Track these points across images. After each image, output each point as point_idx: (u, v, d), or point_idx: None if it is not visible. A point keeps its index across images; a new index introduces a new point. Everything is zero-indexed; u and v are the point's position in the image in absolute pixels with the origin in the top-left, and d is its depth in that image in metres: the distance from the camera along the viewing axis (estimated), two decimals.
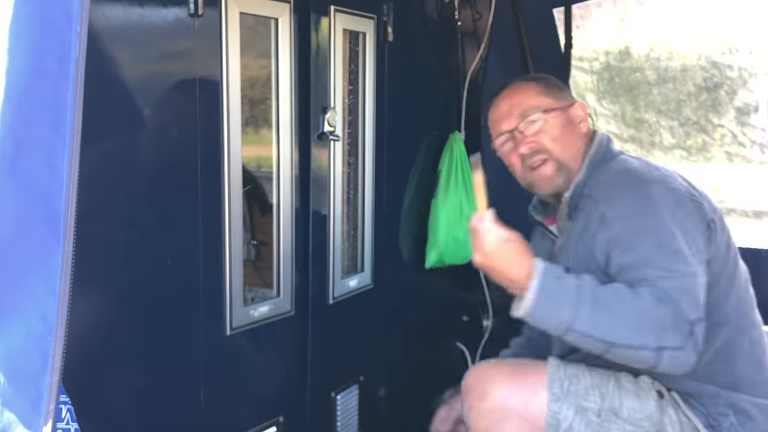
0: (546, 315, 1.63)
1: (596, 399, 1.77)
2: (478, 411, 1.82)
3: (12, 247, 0.92)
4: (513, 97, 1.99)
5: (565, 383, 1.79)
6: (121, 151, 1.57)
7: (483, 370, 1.94)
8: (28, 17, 0.91)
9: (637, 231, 1.69)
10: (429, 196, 2.76)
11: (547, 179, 1.93)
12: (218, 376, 1.86)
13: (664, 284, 1.59)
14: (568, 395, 1.77)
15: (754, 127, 7.99)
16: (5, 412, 0.89)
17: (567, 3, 2.94)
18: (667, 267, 1.62)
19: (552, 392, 1.77)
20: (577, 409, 1.77)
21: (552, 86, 2.01)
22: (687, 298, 1.59)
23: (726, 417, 1.76)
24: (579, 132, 1.96)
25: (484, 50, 2.99)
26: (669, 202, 1.71)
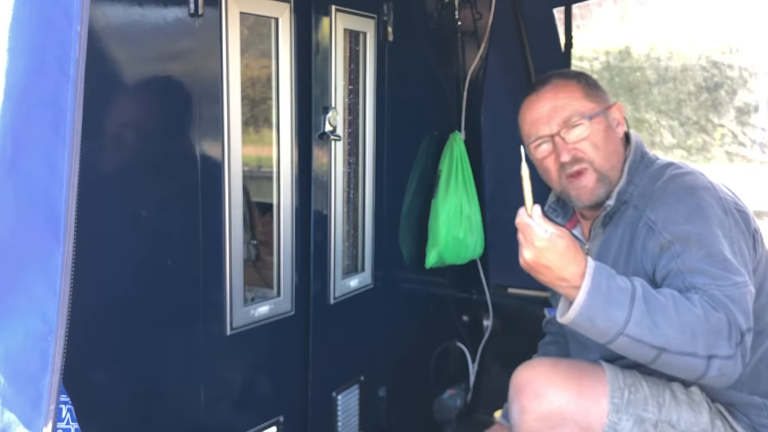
0: (598, 316, 1.51)
1: (654, 410, 1.70)
2: (532, 414, 1.71)
3: (12, 247, 0.92)
4: (557, 98, 1.84)
5: (625, 392, 1.71)
6: (121, 151, 1.57)
7: (539, 369, 1.78)
8: (28, 17, 0.91)
9: (687, 238, 1.63)
10: (429, 195, 2.76)
11: (590, 191, 1.82)
12: (218, 376, 1.86)
13: (714, 292, 1.54)
14: (628, 405, 1.69)
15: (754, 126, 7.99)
16: (5, 412, 0.89)
17: (567, 3, 2.94)
18: (717, 275, 1.56)
19: (613, 402, 1.69)
20: (636, 419, 1.69)
21: (593, 86, 1.89)
22: (738, 306, 1.53)
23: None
24: (618, 137, 1.86)
25: (484, 50, 2.99)
26: (717, 210, 1.67)
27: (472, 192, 2.78)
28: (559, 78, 1.91)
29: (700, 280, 1.56)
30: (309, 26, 2.07)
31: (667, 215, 1.69)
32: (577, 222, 2.01)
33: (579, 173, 1.81)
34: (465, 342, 3.07)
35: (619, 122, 1.89)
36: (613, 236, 1.83)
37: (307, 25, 2.07)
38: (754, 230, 1.75)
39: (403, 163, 2.67)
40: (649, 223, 1.71)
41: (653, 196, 1.75)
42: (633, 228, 1.77)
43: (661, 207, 1.71)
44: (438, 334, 2.98)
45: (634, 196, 1.80)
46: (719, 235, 1.62)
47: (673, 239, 1.64)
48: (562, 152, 1.81)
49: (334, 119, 2.14)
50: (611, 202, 1.81)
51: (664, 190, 1.74)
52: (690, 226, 1.64)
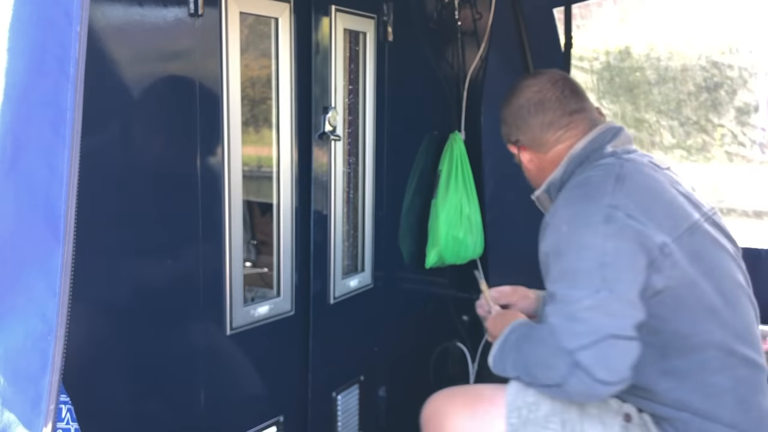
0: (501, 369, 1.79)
1: (556, 427, 1.71)
2: None
3: (12, 247, 0.92)
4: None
5: (523, 411, 1.73)
6: (121, 151, 1.57)
7: (440, 400, 1.88)
8: (28, 17, 0.91)
9: (554, 252, 1.68)
10: (429, 196, 2.76)
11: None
12: (218, 376, 1.86)
13: (551, 320, 1.59)
14: (527, 423, 1.72)
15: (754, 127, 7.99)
16: (5, 412, 0.89)
17: (567, 2, 2.94)
18: (561, 298, 1.59)
19: (510, 423, 1.73)
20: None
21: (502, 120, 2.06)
22: (568, 327, 1.55)
23: None
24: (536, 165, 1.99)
25: (484, 50, 2.99)
26: (596, 218, 1.64)
27: (471, 192, 2.78)
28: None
29: (548, 308, 1.62)
30: (309, 26, 2.07)
31: (554, 219, 1.73)
32: None
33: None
34: (465, 342, 3.07)
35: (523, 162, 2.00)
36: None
37: (307, 25, 2.07)
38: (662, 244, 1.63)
39: (403, 163, 2.67)
40: (544, 224, 1.78)
41: (561, 194, 1.82)
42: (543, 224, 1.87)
43: (557, 208, 1.77)
44: (438, 334, 2.98)
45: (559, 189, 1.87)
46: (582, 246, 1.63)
47: (549, 252, 1.71)
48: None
49: (334, 119, 2.14)
50: (537, 192, 1.96)
51: (567, 190, 1.80)
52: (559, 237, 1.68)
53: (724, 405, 1.68)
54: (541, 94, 1.92)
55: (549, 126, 1.91)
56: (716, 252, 1.75)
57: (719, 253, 1.76)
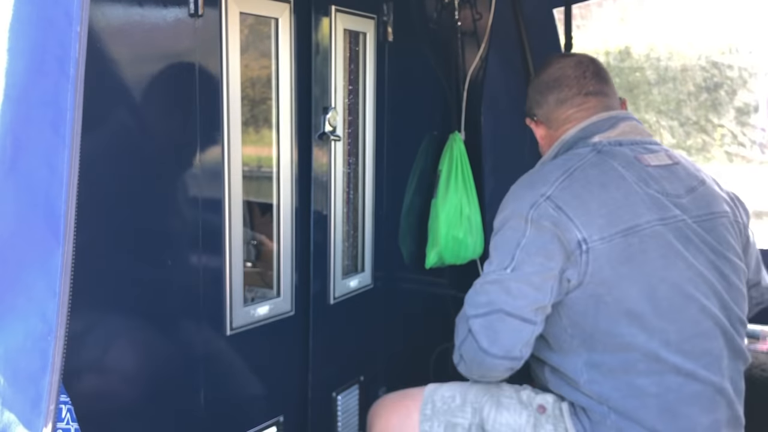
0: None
1: (468, 414, 1.83)
2: None
3: (12, 247, 0.92)
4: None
5: (438, 404, 1.87)
6: (121, 151, 1.57)
7: (373, 408, 2.05)
8: (28, 17, 0.91)
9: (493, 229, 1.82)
10: (429, 196, 2.76)
11: None
12: (218, 376, 1.86)
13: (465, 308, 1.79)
14: (438, 414, 1.85)
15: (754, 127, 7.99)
16: (5, 412, 0.89)
17: (567, 3, 2.94)
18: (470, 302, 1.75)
19: (423, 413, 1.86)
20: (447, 425, 1.84)
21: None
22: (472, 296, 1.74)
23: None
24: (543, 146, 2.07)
25: (484, 50, 2.99)
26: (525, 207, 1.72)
27: (471, 192, 2.77)
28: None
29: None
30: (309, 26, 2.07)
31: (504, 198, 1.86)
32: None
33: None
34: None
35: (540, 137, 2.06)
36: None
37: (307, 25, 2.07)
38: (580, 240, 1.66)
39: (402, 164, 2.67)
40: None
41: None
42: None
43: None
44: (438, 335, 2.98)
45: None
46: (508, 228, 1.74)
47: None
48: None
49: (333, 119, 2.14)
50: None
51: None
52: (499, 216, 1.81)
53: (646, 408, 1.68)
54: (561, 71, 1.97)
55: (562, 103, 1.94)
56: (663, 258, 1.70)
57: (669, 260, 1.70)
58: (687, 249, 1.72)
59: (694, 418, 1.69)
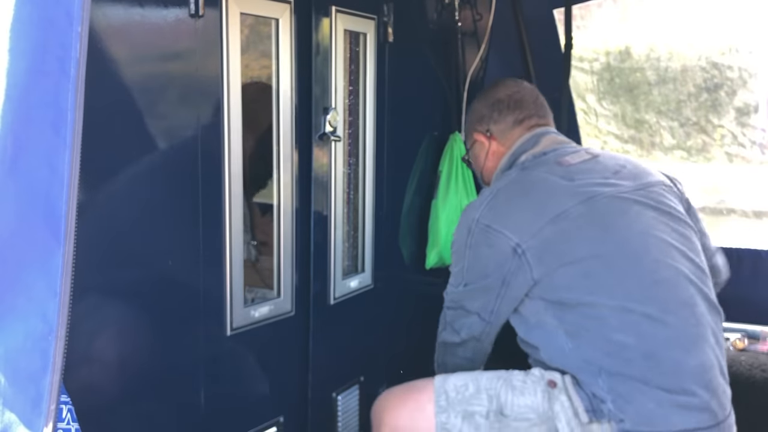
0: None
1: (483, 401, 1.83)
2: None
3: (12, 247, 0.92)
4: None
5: (451, 394, 1.86)
6: (122, 152, 1.57)
7: (378, 402, 2.04)
8: (28, 17, 0.91)
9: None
10: (429, 196, 2.76)
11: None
12: (219, 377, 1.86)
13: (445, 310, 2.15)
14: (453, 404, 1.84)
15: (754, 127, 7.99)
16: (6, 412, 0.89)
17: (567, 3, 2.94)
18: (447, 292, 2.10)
19: (438, 405, 1.85)
20: (464, 415, 1.83)
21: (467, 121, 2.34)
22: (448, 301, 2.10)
23: (605, 403, 1.76)
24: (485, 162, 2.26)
25: (485, 51, 2.99)
26: (463, 232, 1.99)
27: (472, 193, 2.77)
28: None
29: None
30: (309, 27, 2.08)
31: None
32: None
33: None
34: None
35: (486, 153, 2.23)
36: None
37: (307, 25, 2.07)
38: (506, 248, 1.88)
39: (403, 164, 2.67)
40: None
41: None
42: None
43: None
44: None
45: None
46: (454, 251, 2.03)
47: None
48: None
49: (334, 120, 2.14)
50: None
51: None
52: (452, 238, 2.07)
53: (630, 361, 1.76)
54: (521, 95, 2.22)
55: (519, 123, 2.18)
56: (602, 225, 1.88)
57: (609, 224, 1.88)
58: (628, 212, 1.89)
59: (680, 359, 1.77)
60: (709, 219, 7.32)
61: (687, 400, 1.73)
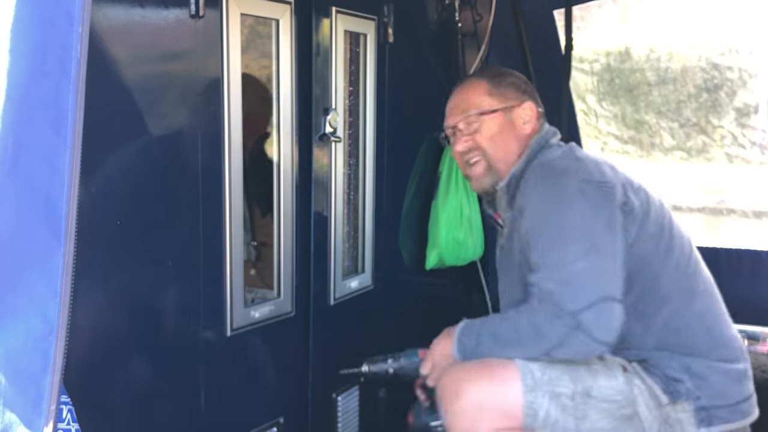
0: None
1: (568, 383, 1.80)
2: (455, 413, 1.83)
3: (13, 248, 0.92)
4: (461, 92, 2.10)
5: (536, 373, 1.81)
6: (122, 152, 1.58)
7: (452, 372, 1.93)
8: (29, 17, 0.91)
9: (537, 226, 1.83)
10: (429, 197, 2.76)
11: (476, 178, 2.06)
12: (219, 377, 1.86)
13: (544, 285, 1.74)
14: (540, 384, 1.80)
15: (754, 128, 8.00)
16: (6, 412, 0.89)
17: (567, 4, 2.94)
18: (552, 265, 1.75)
19: (525, 383, 1.80)
20: (552, 395, 1.79)
21: (505, 85, 2.07)
22: (567, 290, 1.71)
23: (681, 383, 1.82)
24: (520, 133, 2.03)
25: (485, 51, 2.99)
26: (572, 190, 1.81)
27: (472, 193, 2.77)
28: (474, 75, 2.20)
29: (536, 275, 1.77)
30: (309, 27, 2.08)
31: (529, 199, 1.88)
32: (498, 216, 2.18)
33: (473, 164, 2.04)
34: None
35: (526, 120, 2.05)
36: (510, 217, 2.01)
37: (307, 26, 2.07)
38: (623, 202, 1.83)
39: (403, 165, 2.67)
40: (520, 207, 1.91)
41: (526, 179, 1.93)
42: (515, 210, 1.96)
43: (527, 190, 1.90)
44: (438, 336, 2.98)
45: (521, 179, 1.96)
46: (564, 217, 1.79)
47: (528, 230, 1.85)
48: (458, 142, 2.06)
49: (334, 120, 2.14)
50: (503, 183, 2.00)
51: (534, 174, 1.93)
52: (540, 212, 1.84)
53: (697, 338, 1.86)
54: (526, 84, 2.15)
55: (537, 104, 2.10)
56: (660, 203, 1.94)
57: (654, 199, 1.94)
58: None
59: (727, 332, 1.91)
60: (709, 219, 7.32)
61: (739, 368, 1.87)
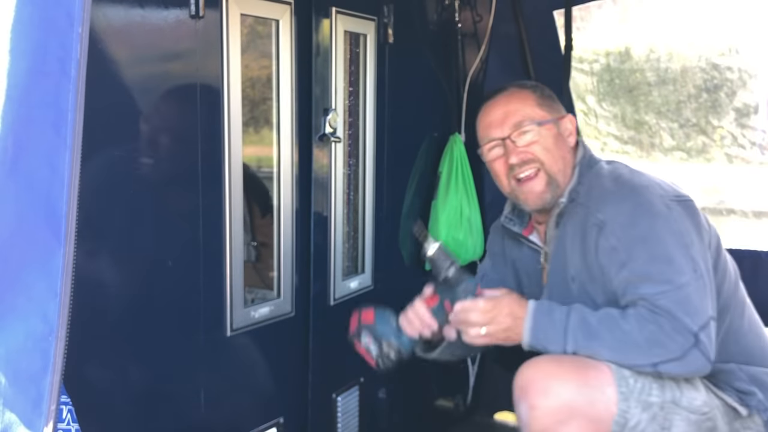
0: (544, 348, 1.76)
1: (657, 392, 1.74)
2: (542, 410, 1.70)
3: (13, 248, 0.92)
4: (509, 104, 1.95)
5: (630, 380, 1.72)
6: (122, 152, 1.58)
7: (543, 366, 1.77)
8: (29, 18, 0.91)
9: (633, 241, 1.75)
10: (429, 197, 2.76)
11: (538, 194, 1.91)
12: (219, 378, 1.86)
13: (658, 302, 1.67)
14: (633, 392, 1.72)
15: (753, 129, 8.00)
16: (6, 412, 0.89)
17: (567, 5, 2.94)
18: (660, 280, 1.69)
19: (620, 390, 1.71)
20: (644, 405, 1.72)
21: (547, 97, 2.00)
22: (683, 309, 1.66)
23: (753, 396, 1.83)
24: (567, 146, 1.96)
25: (485, 52, 2.99)
26: (660, 207, 1.76)
27: (472, 194, 2.77)
28: (515, 87, 2.03)
29: (645, 290, 1.70)
30: (309, 28, 2.08)
31: (613, 215, 1.80)
32: (532, 229, 2.07)
33: (529, 178, 1.90)
34: None
35: (570, 133, 1.99)
36: (564, 236, 1.90)
37: (307, 26, 2.07)
38: (702, 216, 1.85)
39: (403, 165, 2.67)
40: (598, 223, 1.81)
41: (599, 195, 1.85)
42: (583, 227, 1.85)
43: (606, 206, 1.82)
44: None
45: (581, 194, 1.88)
46: (664, 234, 1.74)
47: (619, 245, 1.76)
48: (511, 155, 1.90)
49: (334, 121, 2.14)
50: (564, 199, 1.89)
51: (609, 189, 1.85)
52: (634, 228, 1.76)
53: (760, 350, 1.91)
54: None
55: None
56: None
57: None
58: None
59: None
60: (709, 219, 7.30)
61: None
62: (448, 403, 3.05)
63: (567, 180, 1.91)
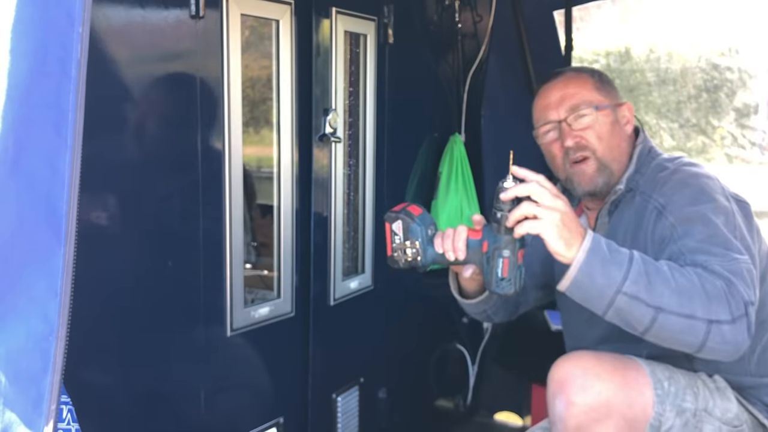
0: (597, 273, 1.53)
1: (691, 399, 1.73)
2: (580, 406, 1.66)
3: (13, 247, 0.92)
4: (567, 87, 1.93)
5: (665, 383, 1.72)
6: (123, 153, 1.58)
7: (583, 362, 1.73)
8: (30, 18, 0.91)
9: (690, 219, 1.71)
10: (429, 197, 2.76)
11: (589, 177, 1.88)
12: (219, 377, 1.86)
13: (714, 267, 1.58)
14: (668, 396, 1.71)
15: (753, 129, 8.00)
16: (7, 412, 0.89)
17: (567, 5, 2.94)
18: (718, 253, 1.62)
19: (657, 393, 1.70)
20: (678, 410, 1.71)
21: (605, 82, 1.98)
22: (740, 279, 1.58)
23: None
24: (624, 133, 1.94)
25: (485, 52, 2.99)
26: (720, 196, 1.75)
27: (472, 194, 2.78)
28: (573, 71, 2.02)
29: (700, 257, 1.61)
30: (310, 28, 2.08)
31: (675, 198, 1.76)
32: (582, 212, 2.05)
33: (582, 159, 1.88)
34: (465, 344, 3.07)
35: (627, 120, 1.96)
36: (618, 224, 1.88)
37: (307, 27, 2.07)
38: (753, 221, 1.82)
39: (403, 165, 2.67)
40: (658, 207, 1.78)
41: (661, 182, 1.83)
42: (639, 214, 1.83)
43: (668, 191, 1.79)
44: (438, 336, 2.98)
45: (640, 183, 1.86)
46: (721, 218, 1.70)
47: (676, 222, 1.72)
48: (566, 138, 1.88)
49: (334, 121, 2.14)
50: (621, 186, 1.87)
51: (671, 177, 1.82)
52: (694, 208, 1.72)
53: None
54: None
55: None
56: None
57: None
58: None
59: None
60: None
61: None
62: (448, 403, 3.05)
63: (622, 168, 1.89)
